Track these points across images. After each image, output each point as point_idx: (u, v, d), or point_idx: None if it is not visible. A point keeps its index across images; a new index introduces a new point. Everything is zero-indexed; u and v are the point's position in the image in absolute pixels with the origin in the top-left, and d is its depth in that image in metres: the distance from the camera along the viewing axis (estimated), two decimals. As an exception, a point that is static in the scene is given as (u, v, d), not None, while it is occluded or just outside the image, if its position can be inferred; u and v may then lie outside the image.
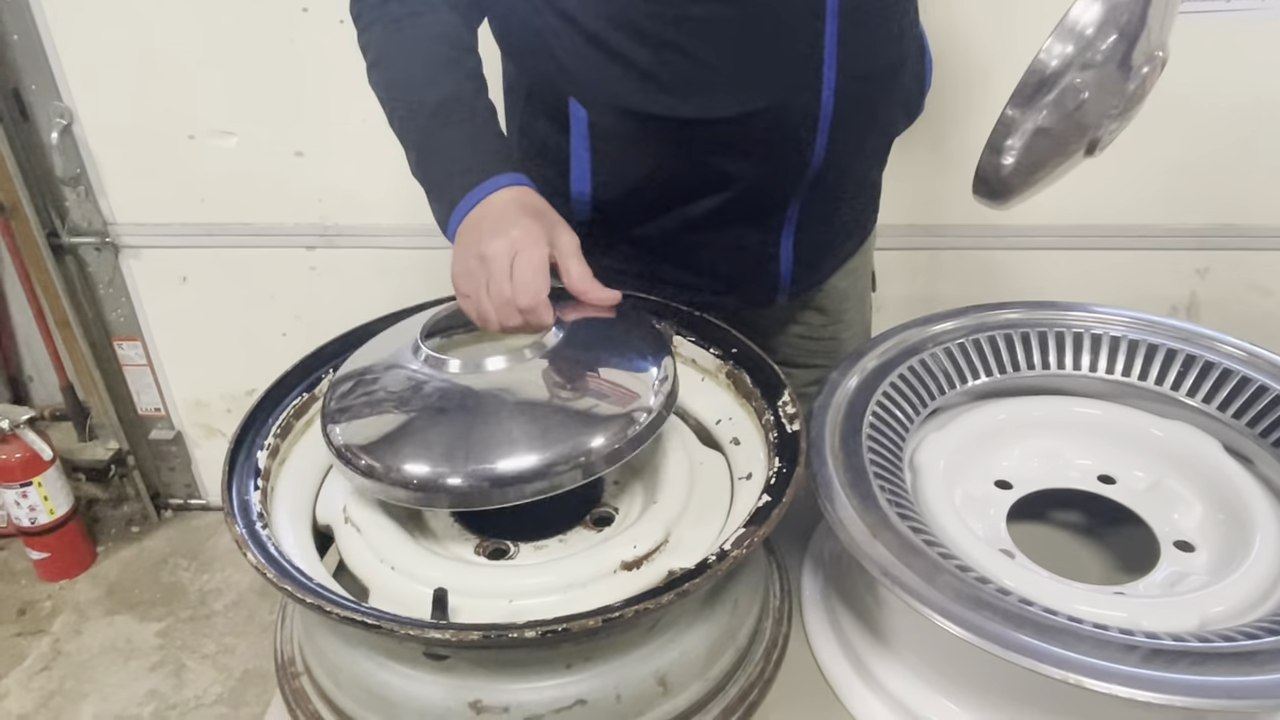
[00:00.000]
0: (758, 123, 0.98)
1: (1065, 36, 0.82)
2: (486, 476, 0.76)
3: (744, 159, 1.01)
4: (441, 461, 0.77)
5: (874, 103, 1.04)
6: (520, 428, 0.79)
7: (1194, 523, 0.87)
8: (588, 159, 1.03)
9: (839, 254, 1.24)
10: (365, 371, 0.88)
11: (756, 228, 1.09)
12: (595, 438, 0.78)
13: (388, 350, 0.90)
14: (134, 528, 2.41)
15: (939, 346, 0.97)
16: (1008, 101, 0.80)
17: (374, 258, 2.01)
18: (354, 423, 0.83)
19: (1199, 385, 0.93)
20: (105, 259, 2.08)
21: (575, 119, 1.01)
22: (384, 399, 0.84)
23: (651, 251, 1.12)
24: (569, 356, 0.85)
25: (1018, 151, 0.81)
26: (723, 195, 1.04)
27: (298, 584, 0.71)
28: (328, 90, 1.82)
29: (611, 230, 1.09)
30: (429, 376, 0.85)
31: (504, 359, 0.84)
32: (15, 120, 1.92)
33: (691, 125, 0.98)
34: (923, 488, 0.87)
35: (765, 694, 0.85)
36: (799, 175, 1.03)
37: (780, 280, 1.14)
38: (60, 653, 2.07)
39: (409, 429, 0.81)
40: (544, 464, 0.76)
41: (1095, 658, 0.65)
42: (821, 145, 1.00)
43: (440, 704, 0.75)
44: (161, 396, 2.29)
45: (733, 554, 0.72)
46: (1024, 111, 0.79)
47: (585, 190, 1.06)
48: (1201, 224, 1.80)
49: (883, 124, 1.10)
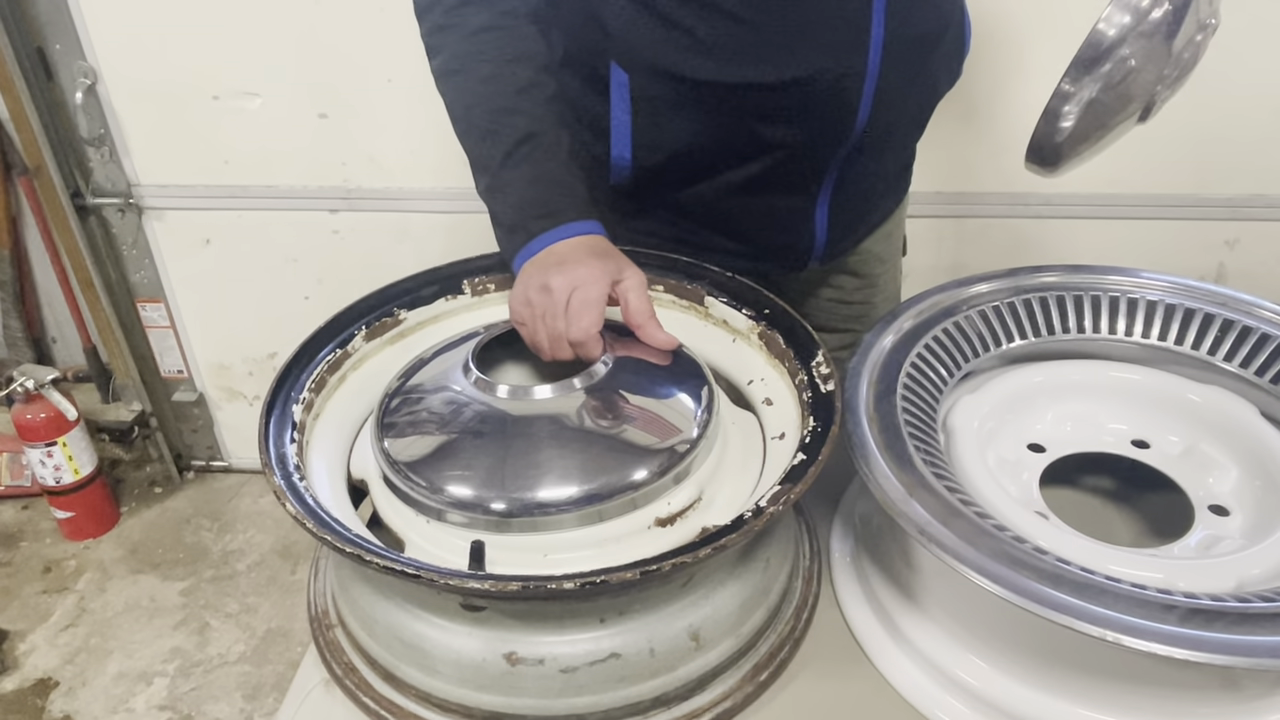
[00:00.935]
0: (803, 90, 0.97)
1: (1123, 7, 0.82)
2: (529, 504, 0.77)
3: (787, 126, 1.00)
4: (488, 486, 0.79)
5: (919, 68, 1.03)
6: (564, 456, 0.81)
7: (1229, 487, 0.86)
8: (628, 123, 1.02)
9: (872, 219, 1.23)
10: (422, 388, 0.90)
11: (794, 194, 1.08)
12: (640, 470, 0.79)
13: (444, 369, 0.91)
14: (157, 489, 2.43)
15: (974, 309, 0.96)
16: (1065, 72, 0.79)
17: (396, 221, 2.01)
18: (414, 450, 0.84)
19: (1236, 350, 0.92)
20: (129, 220, 2.09)
21: (616, 82, 1.00)
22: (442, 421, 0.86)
23: (686, 216, 1.11)
24: (613, 388, 0.86)
25: (1073, 121, 0.80)
26: (763, 162, 1.03)
27: (337, 534, 0.72)
28: (352, 52, 1.81)
29: (648, 195, 1.09)
30: (482, 403, 0.85)
31: (551, 389, 0.85)
32: (39, 80, 1.93)
33: (736, 91, 0.97)
34: (956, 449, 0.86)
35: (795, 652, 0.85)
36: (841, 142, 1.02)
37: (814, 245, 1.14)
38: (85, 610, 2.09)
39: (469, 460, 0.82)
40: (584, 494, 0.78)
41: (1134, 616, 0.65)
42: (865, 112, 0.99)
43: (475, 655, 0.75)
44: (184, 359, 2.30)
45: (769, 510, 0.72)
46: (1081, 81, 0.79)
47: (625, 155, 1.05)
48: (1232, 194, 1.79)
49: (926, 90, 1.09)
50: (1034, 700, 0.75)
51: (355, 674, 0.83)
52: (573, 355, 0.87)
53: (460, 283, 1.03)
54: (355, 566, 0.82)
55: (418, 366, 0.92)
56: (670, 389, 0.88)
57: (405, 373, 0.91)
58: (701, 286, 1.01)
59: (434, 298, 1.01)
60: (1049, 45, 1.64)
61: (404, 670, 0.79)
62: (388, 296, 0.99)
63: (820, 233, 1.12)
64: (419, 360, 0.93)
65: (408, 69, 1.80)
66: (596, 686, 0.75)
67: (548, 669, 0.75)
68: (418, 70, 1.93)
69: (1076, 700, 0.74)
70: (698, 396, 0.86)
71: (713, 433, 0.85)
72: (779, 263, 1.16)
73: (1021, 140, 1.79)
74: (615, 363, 0.88)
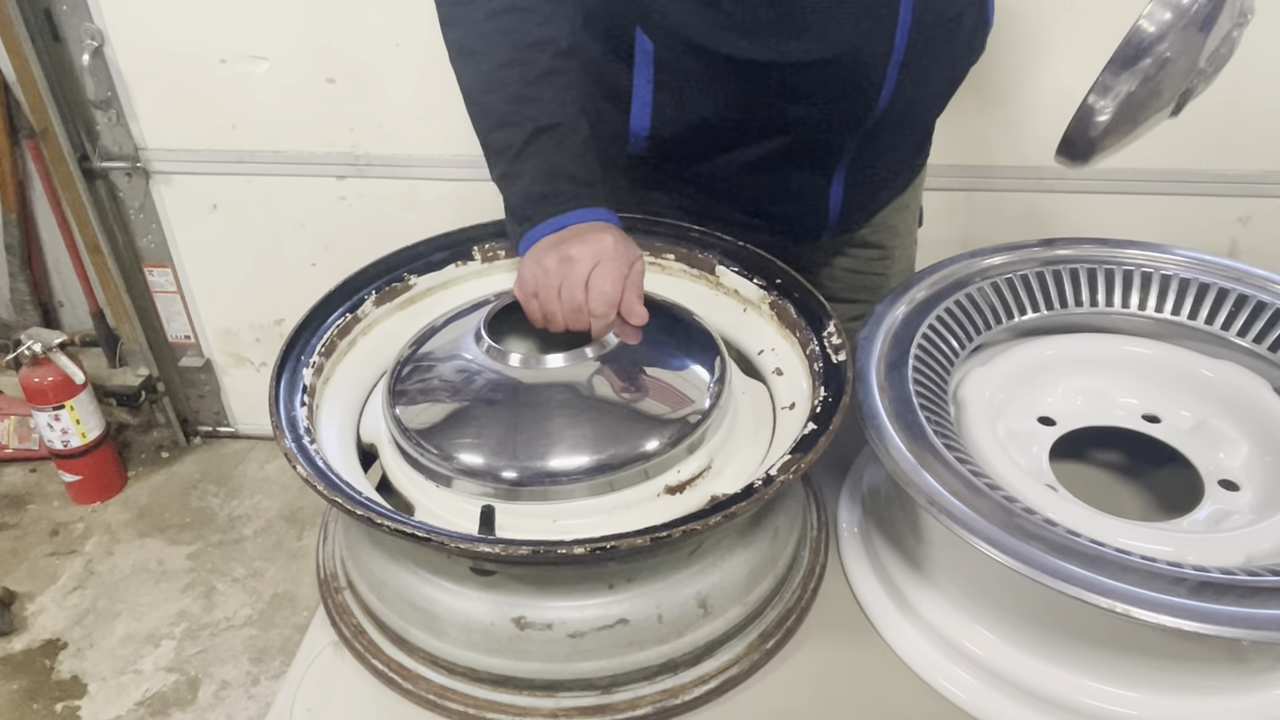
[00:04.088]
0: (829, 69, 0.95)
1: (1165, 4, 0.80)
2: (540, 472, 0.78)
3: (809, 104, 0.99)
4: (499, 454, 0.79)
5: (943, 46, 1.02)
6: (575, 425, 0.80)
7: (1239, 462, 0.86)
8: (649, 93, 1.01)
9: (887, 193, 1.22)
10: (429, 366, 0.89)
11: (811, 170, 1.07)
12: (653, 440, 0.79)
13: (455, 337, 0.91)
14: (164, 453, 2.44)
15: (987, 281, 0.96)
16: (1105, 67, 0.78)
17: (404, 188, 2.00)
18: (425, 418, 0.84)
19: (1250, 325, 0.92)
20: (136, 184, 2.08)
21: (641, 51, 0.98)
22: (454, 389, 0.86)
23: (701, 189, 1.10)
24: (628, 359, 0.86)
25: (1109, 116, 0.80)
26: (783, 139, 1.02)
27: (348, 497, 0.72)
28: (361, 16, 1.79)
29: (665, 166, 1.08)
30: (494, 371, 0.85)
31: (563, 358, 0.85)
32: (46, 42, 1.91)
33: (763, 68, 0.96)
34: (967, 421, 0.86)
35: (802, 620, 0.86)
36: (862, 120, 1.01)
37: (828, 219, 1.13)
38: (93, 573, 2.11)
39: (482, 428, 0.82)
40: (603, 464, 0.78)
41: (1143, 588, 0.65)
42: (888, 91, 0.98)
43: (484, 619, 0.76)
44: (191, 324, 2.30)
45: (779, 479, 0.72)
46: (1119, 77, 0.78)
47: (644, 125, 1.03)
48: (1245, 170, 1.77)
49: (949, 68, 1.07)
50: (1040, 671, 0.75)
51: (364, 636, 0.83)
52: (589, 326, 0.86)
53: (471, 249, 1.02)
54: (365, 529, 0.82)
55: (429, 334, 0.92)
56: (682, 359, 0.88)
57: (417, 340, 0.91)
58: (713, 256, 1.00)
59: (444, 263, 1.01)
60: (1066, 20, 1.62)
61: (413, 633, 0.79)
62: (398, 261, 0.99)
63: (835, 207, 1.12)
64: (430, 328, 0.93)
65: (416, 34, 1.78)
66: (604, 651, 0.76)
67: (556, 633, 0.75)
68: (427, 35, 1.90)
69: (1082, 671, 0.74)
70: (710, 367, 0.86)
71: (724, 403, 0.85)
72: (792, 235, 1.15)
73: (1037, 114, 1.77)
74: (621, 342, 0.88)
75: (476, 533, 0.76)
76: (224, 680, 1.87)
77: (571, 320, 0.87)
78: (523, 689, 0.77)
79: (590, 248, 0.85)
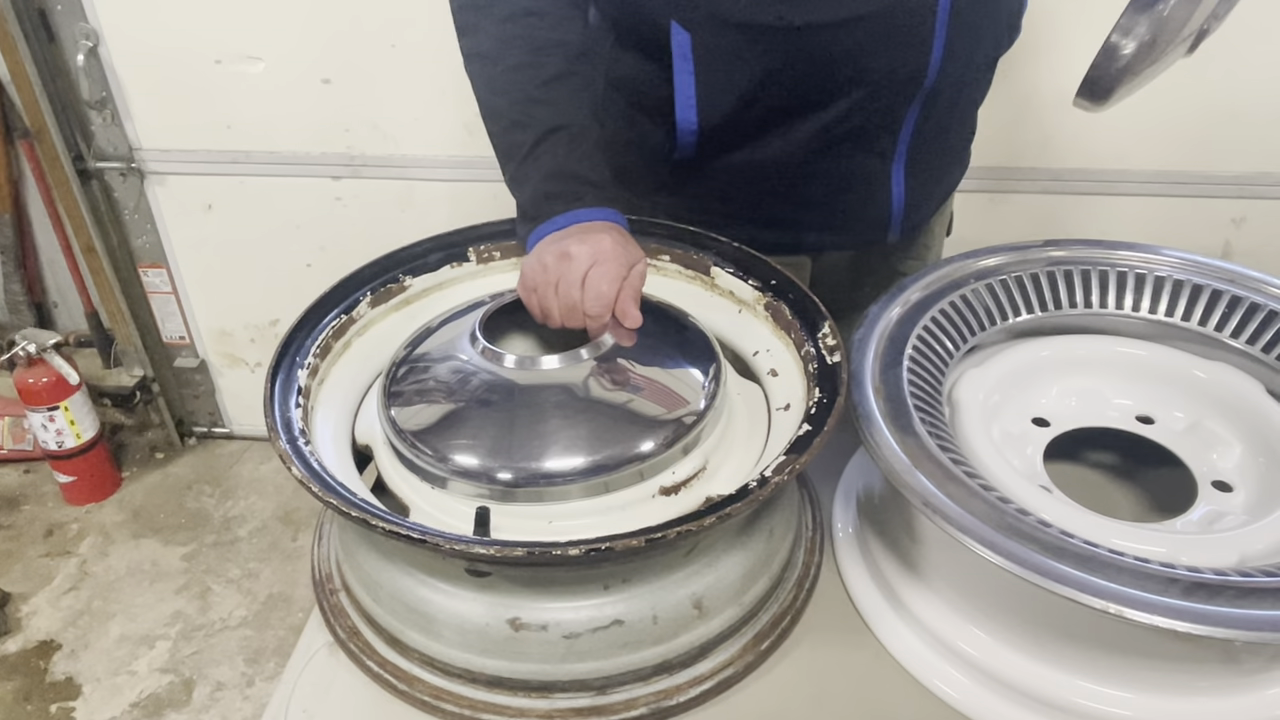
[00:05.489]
0: (874, 25, 0.93)
1: None
2: (535, 474, 0.77)
3: (858, 66, 0.95)
4: (494, 455, 0.79)
5: (985, 10, 0.99)
6: (570, 426, 0.80)
7: (1233, 463, 0.87)
8: (691, 84, 0.99)
9: (944, 186, 1.19)
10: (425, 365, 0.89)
11: (867, 152, 1.05)
12: (647, 442, 0.79)
13: (451, 338, 0.90)
14: (158, 454, 2.43)
15: (981, 282, 0.96)
16: (1125, 8, 0.79)
17: (399, 189, 2.00)
18: (421, 420, 0.83)
19: (1243, 327, 0.92)
20: (131, 185, 2.08)
21: (677, 43, 0.96)
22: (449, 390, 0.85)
23: (759, 188, 1.07)
24: (622, 360, 0.86)
25: (1129, 56, 0.80)
26: (835, 109, 0.99)
27: (343, 498, 0.72)
28: (357, 17, 1.79)
29: (718, 165, 1.06)
30: (488, 371, 0.85)
31: (559, 359, 0.85)
32: (41, 42, 1.91)
33: (803, 33, 0.93)
34: (961, 422, 0.86)
35: (797, 621, 0.86)
36: (915, 83, 0.98)
37: (892, 211, 1.10)
38: (87, 574, 2.10)
39: (476, 428, 0.82)
40: (596, 465, 0.78)
41: (1137, 589, 0.65)
42: (939, 48, 0.95)
43: (479, 620, 0.76)
44: (186, 325, 2.30)
45: (774, 480, 0.72)
46: (1137, 18, 0.79)
47: (690, 118, 1.01)
48: (1239, 172, 1.78)
49: (991, 37, 1.04)
50: (1034, 671, 0.76)
51: (359, 638, 0.83)
52: (584, 325, 0.87)
53: (466, 250, 1.02)
54: (360, 531, 0.82)
55: (425, 335, 0.92)
56: (678, 361, 0.88)
57: (412, 341, 0.91)
58: (708, 256, 1.00)
59: (439, 264, 1.01)
60: (1066, 21, 1.63)
61: (408, 634, 0.79)
62: (393, 263, 0.99)
63: (898, 200, 1.08)
64: (426, 329, 0.93)
65: (412, 35, 1.78)
66: (599, 652, 0.76)
67: (551, 634, 0.75)
68: (422, 36, 1.91)
69: (1076, 672, 0.74)
70: (705, 369, 0.86)
71: (720, 404, 0.85)
72: (858, 233, 1.12)
73: (1031, 116, 1.78)
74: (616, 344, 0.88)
75: (472, 534, 0.76)
76: (219, 681, 1.86)
77: (567, 317, 0.87)
78: (518, 690, 0.77)
79: (589, 246, 0.85)
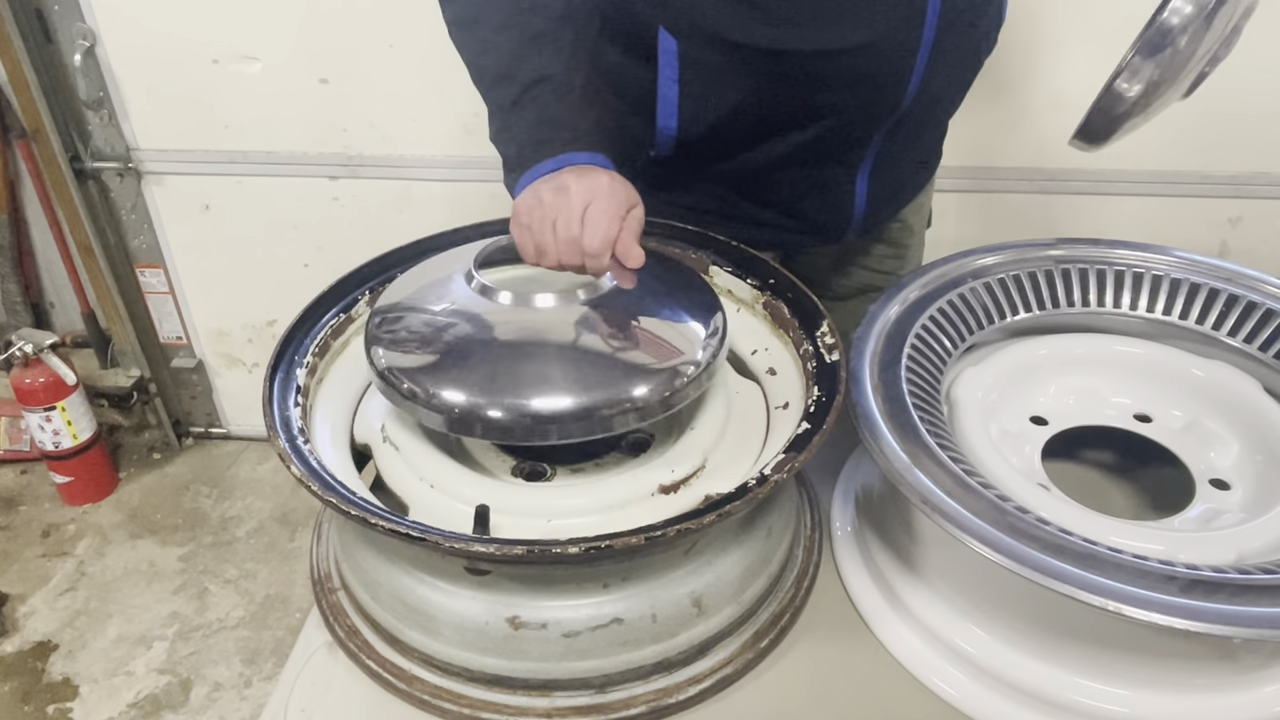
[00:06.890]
0: (859, 57, 0.94)
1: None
2: (531, 414, 0.76)
3: (839, 94, 0.97)
4: (486, 393, 0.77)
5: (968, 34, 1.01)
6: (569, 368, 0.79)
7: (1230, 461, 0.87)
8: (675, 91, 0.99)
9: (908, 190, 1.21)
10: (412, 299, 0.88)
11: (837, 165, 1.06)
12: (640, 386, 0.78)
13: (437, 278, 0.89)
14: (155, 455, 2.43)
15: (980, 281, 0.96)
16: (1133, 52, 0.80)
17: (397, 189, 2.00)
18: (400, 347, 0.83)
19: (1240, 325, 0.92)
20: (128, 185, 2.08)
21: (664, 50, 0.97)
22: (434, 326, 0.84)
23: (729, 188, 1.09)
24: (622, 304, 0.85)
25: (1130, 102, 0.81)
26: (812, 131, 1.01)
27: (342, 496, 0.72)
28: (354, 16, 1.79)
29: (692, 166, 1.07)
30: (481, 307, 0.84)
31: (556, 298, 0.83)
32: (38, 42, 1.90)
33: (791, 58, 0.94)
34: (960, 421, 0.87)
35: (796, 619, 0.86)
36: (890, 111, 1.00)
37: (853, 217, 1.11)
38: (84, 574, 2.10)
39: (460, 357, 0.81)
40: (585, 407, 0.76)
41: (1135, 587, 0.65)
42: (916, 80, 0.97)
43: (479, 618, 0.76)
44: (183, 325, 2.30)
45: (773, 478, 0.72)
46: (1142, 66, 0.79)
47: (671, 125, 1.02)
48: (1235, 172, 1.78)
49: (971, 60, 1.06)
50: (1033, 669, 0.76)
51: (358, 637, 0.83)
52: (580, 264, 0.84)
53: (464, 249, 1.02)
54: (359, 529, 0.82)
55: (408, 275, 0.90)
56: (679, 311, 0.86)
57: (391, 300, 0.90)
58: (706, 255, 1.01)
59: (438, 264, 1.01)
60: (1064, 23, 1.63)
61: (407, 633, 0.79)
62: (390, 262, 0.99)
63: (860, 204, 1.10)
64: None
65: (410, 34, 1.78)
66: (598, 651, 0.76)
67: (550, 633, 0.75)
68: (420, 36, 1.91)
69: (1075, 669, 0.75)
70: (708, 321, 0.85)
71: (720, 359, 0.84)
72: (818, 234, 1.14)
73: (1029, 116, 1.78)
74: (616, 286, 0.86)
75: (471, 532, 0.76)
76: (216, 682, 1.86)
77: (565, 254, 0.83)
78: (517, 689, 0.78)
79: (586, 182, 0.83)
